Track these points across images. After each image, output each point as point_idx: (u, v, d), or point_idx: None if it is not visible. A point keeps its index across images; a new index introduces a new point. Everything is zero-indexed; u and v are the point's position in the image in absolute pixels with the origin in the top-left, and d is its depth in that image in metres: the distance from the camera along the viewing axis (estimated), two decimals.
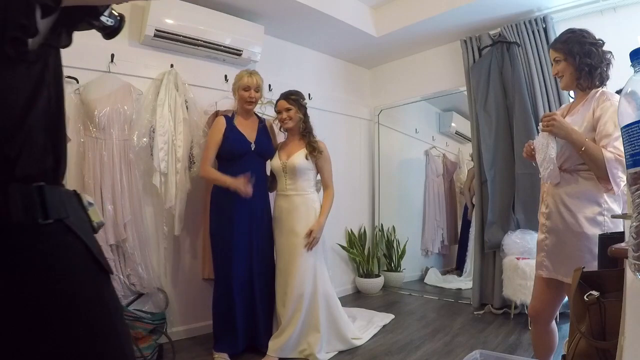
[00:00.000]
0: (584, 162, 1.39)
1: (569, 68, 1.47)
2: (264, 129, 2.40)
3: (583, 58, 1.43)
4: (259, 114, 2.52)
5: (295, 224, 2.26)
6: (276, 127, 2.52)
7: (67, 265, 0.59)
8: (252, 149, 2.28)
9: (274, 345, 2.19)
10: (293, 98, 2.33)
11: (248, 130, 2.31)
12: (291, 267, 2.22)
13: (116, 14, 0.76)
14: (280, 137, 2.57)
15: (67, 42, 0.64)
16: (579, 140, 1.34)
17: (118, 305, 0.68)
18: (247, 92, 2.27)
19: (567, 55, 1.46)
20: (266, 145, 2.36)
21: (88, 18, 0.69)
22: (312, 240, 2.23)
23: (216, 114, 2.72)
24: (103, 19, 0.72)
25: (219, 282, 2.24)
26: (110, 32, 0.77)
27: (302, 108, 2.36)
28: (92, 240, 0.64)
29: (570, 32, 1.49)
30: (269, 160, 2.41)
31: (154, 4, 2.40)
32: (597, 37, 1.47)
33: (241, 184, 2.10)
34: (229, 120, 2.29)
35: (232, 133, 2.25)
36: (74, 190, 0.66)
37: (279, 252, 2.34)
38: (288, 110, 2.31)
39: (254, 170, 2.21)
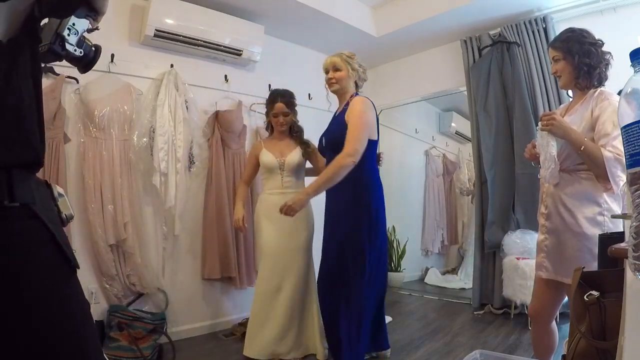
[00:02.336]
0: (583, 162, 1.38)
1: (567, 67, 1.47)
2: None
3: (582, 57, 1.42)
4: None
5: (298, 222, 2.15)
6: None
7: (26, 250, 0.56)
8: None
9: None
10: (293, 102, 2.35)
11: None
12: (293, 267, 2.17)
13: (90, 43, 0.71)
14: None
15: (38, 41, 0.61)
16: (578, 140, 1.34)
17: (81, 301, 0.64)
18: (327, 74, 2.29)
19: (566, 54, 1.46)
20: None
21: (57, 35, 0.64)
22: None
23: (216, 114, 2.72)
24: (70, 48, 0.67)
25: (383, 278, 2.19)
26: (85, 65, 0.72)
27: (295, 111, 2.37)
28: (59, 230, 0.62)
29: (570, 31, 1.48)
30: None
31: (154, 4, 2.41)
32: (596, 38, 1.47)
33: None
34: None
35: None
36: (45, 180, 0.65)
37: (277, 251, 2.20)
38: (286, 115, 2.30)
39: None
